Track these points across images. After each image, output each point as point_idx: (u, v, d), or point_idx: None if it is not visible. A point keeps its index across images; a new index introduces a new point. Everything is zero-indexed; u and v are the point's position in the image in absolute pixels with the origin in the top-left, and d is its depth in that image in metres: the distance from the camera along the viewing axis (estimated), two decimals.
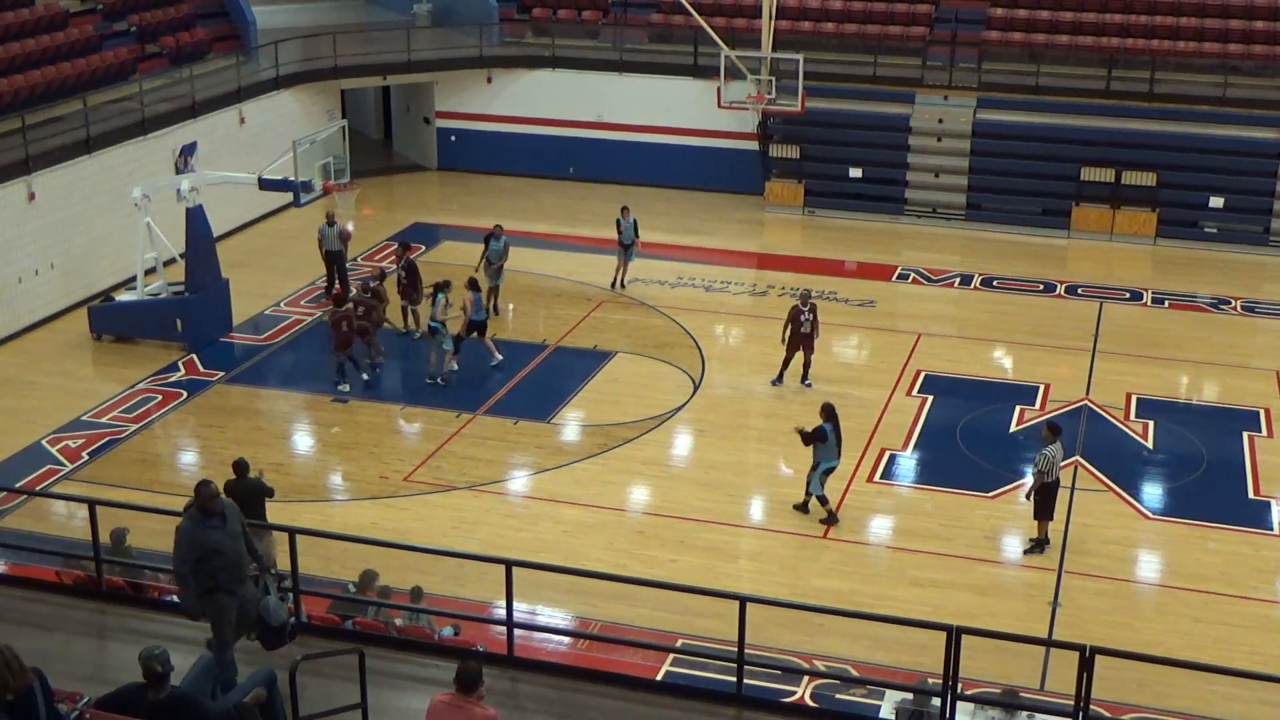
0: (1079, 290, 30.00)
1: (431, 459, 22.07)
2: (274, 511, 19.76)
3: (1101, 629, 17.49)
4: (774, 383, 24.61)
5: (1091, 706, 11.28)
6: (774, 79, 34.46)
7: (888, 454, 22.40)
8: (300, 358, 25.83)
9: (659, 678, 15.30)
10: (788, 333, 24.23)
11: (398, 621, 15.51)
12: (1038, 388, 24.90)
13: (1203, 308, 29.11)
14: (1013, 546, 19.99)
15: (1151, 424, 23.50)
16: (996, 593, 18.76)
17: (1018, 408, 24.09)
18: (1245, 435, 23.18)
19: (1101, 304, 29.18)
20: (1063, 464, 19.61)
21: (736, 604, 11.89)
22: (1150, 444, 22.89)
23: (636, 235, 29.20)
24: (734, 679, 12.06)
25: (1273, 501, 21.12)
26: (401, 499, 20.74)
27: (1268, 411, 24.01)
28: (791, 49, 34.92)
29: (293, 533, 12.93)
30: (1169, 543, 20.14)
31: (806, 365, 24.61)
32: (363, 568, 16.10)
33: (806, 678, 16.09)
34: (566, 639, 16.85)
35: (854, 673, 16.46)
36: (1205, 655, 16.73)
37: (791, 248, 32.94)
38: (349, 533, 17.02)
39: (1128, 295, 29.75)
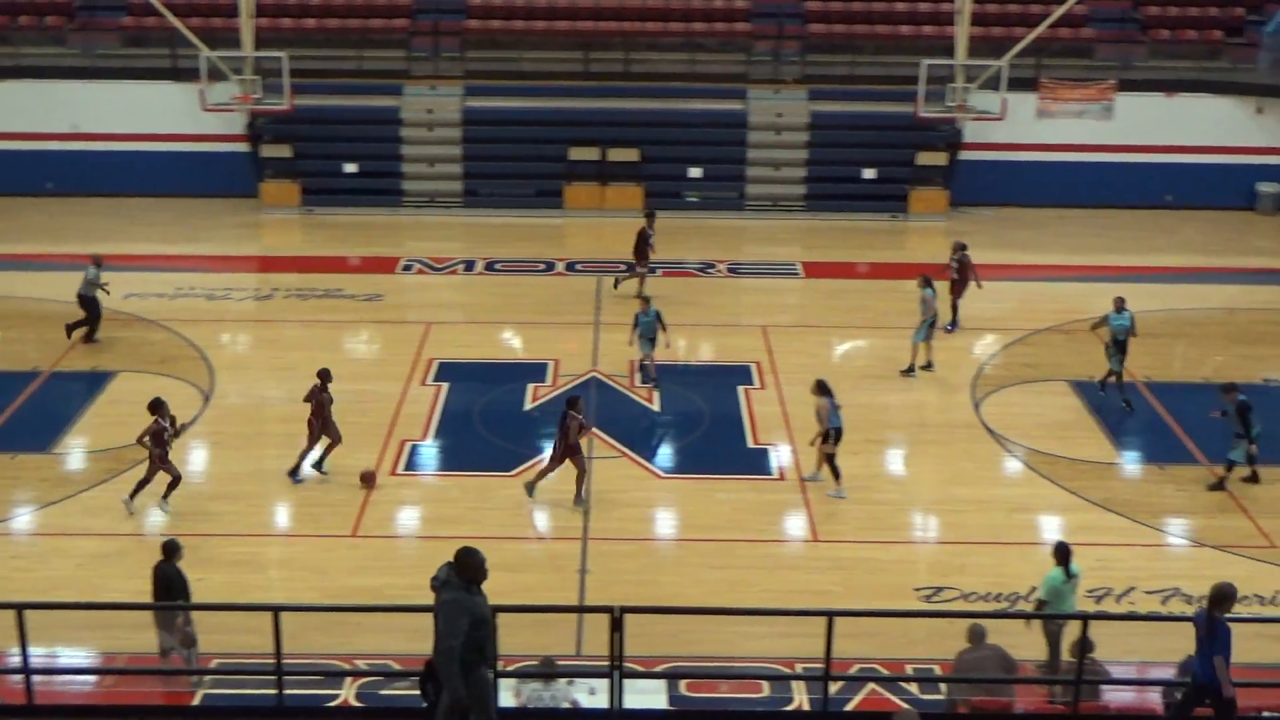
0: (577, 266, 31.09)
1: None
2: None
3: (630, 588, 18.25)
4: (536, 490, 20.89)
5: (627, 664, 11.82)
6: (259, 78, 33.81)
7: (409, 445, 22.52)
8: None
9: (196, 702, 14.86)
10: (561, 446, 20.42)
11: None
12: (547, 364, 25.65)
13: (692, 273, 30.76)
14: (539, 521, 20.54)
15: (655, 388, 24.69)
16: (528, 568, 19.19)
17: (530, 386, 24.73)
18: (741, 389, 24.69)
19: (599, 278, 30.33)
20: None
21: (270, 615, 11.70)
22: (657, 407, 24.03)
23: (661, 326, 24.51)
24: (275, 691, 11.88)
25: (769, 448, 22.63)
26: None
27: (759, 365, 25.70)
28: (274, 47, 34.38)
29: None
30: (682, 498, 21.21)
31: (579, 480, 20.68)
32: None
33: (349, 679, 16.01)
34: (92, 677, 16.06)
35: (397, 667, 16.49)
36: (724, 599, 17.80)
37: (293, 248, 32.51)
38: None
39: (623, 267, 31.02)
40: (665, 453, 22.64)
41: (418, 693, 11.29)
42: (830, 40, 36.98)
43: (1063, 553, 15.82)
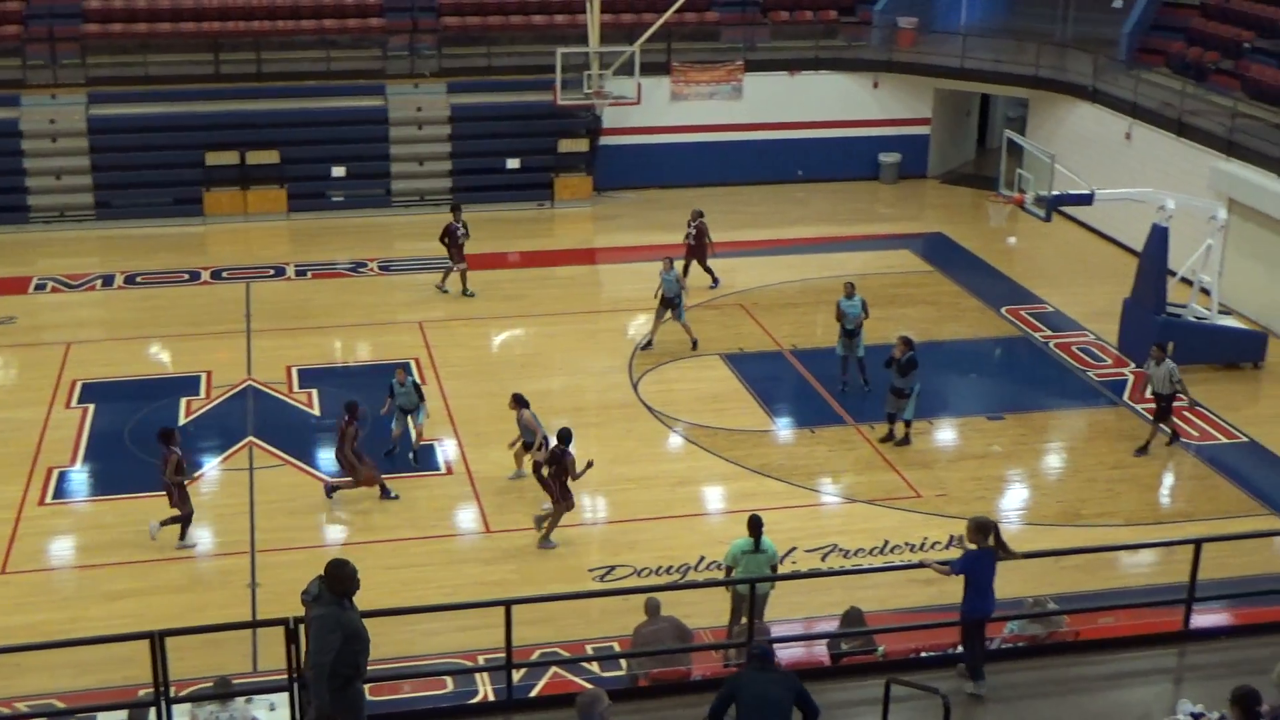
0: (224, 274, 30.24)
1: None
2: None
3: None
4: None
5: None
6: None
7: (56, 472, 21.51)
8: None
9: None
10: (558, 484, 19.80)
11: None
12: (200, 376, 24.91)
13: (343, 273, 30.38)
14: (203, 539, 19.94)
15: (315, 392, 24.30)
16: (196, 588, 18.69)
17: (183, 399, 23.99)
18: None
19: (248, 284, 29.60)
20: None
21: None
22: (317, 412, 23.69)
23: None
24: None
25: (435, 443, 22.60)
26: None
27: (418, 361, 25.58)
28: None
29: None
30: (350, 501, 20.90)
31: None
32: None
33: None
34: None
35: (61, 705, 15.78)
36: (401, 599, 17.71)
37: None
38: None
39: (272, 272, 30.39)
40: (328, 457, 22.28)
41: None
42: (465, 32, 37.04)
43: (752, 525, 16.28)
